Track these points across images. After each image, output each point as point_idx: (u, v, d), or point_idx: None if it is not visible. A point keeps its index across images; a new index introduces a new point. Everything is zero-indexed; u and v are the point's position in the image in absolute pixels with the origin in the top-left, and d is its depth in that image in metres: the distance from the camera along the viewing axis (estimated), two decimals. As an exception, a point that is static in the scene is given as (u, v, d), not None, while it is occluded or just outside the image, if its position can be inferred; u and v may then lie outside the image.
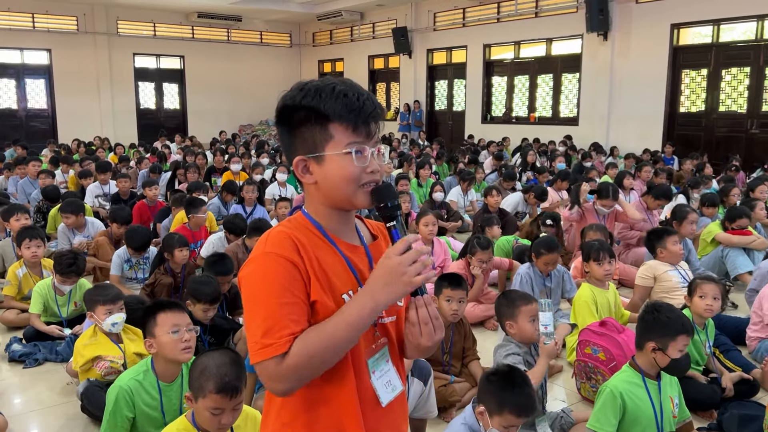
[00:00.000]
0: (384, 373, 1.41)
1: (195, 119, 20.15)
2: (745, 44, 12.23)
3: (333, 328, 1.25)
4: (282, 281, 1.27)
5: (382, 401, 1.39)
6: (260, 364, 1.25)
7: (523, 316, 3.02)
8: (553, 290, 4.63)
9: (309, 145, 1.33)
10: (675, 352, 2.70)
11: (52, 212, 6.89)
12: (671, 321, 2.75)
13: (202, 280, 3.77)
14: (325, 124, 1.31)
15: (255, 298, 1.28)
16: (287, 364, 1.23)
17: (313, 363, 1.25)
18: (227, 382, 2.29)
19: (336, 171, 1.32)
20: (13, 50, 17.55)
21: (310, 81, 1.36)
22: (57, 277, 4.31)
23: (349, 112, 1.30)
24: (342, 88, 1.31)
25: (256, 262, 1.30)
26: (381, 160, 1.38)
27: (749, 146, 12.17)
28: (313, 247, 1.33)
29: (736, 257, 5.56)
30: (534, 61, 15.81)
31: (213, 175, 9.91)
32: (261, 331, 1.25)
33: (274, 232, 1.34)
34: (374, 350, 1.39)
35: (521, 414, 2.40)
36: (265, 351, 1.24)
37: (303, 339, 1.25)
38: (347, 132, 1.31)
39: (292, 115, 1.34)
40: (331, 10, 19.05)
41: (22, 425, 3.38)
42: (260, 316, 1.26)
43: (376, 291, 1.25)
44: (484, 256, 4.69)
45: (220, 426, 2.34)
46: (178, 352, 2.71)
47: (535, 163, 11.21)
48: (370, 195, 1.34)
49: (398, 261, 1.24)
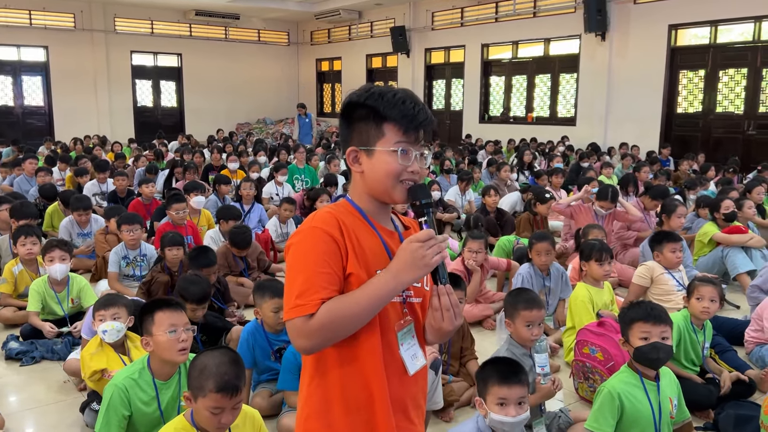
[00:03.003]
0: (411, 347, 1.56)
1: (192, 117, 20.13)
2: (742, 45, 12.26)
3: (356, 298, 1.42)
4: (322, 252, 1.44)
5: (410, 371, 1.54)
6: (290, 322, 1.42)
7: (520, 320, 3.03)
8: (552, 290, 4.65)
9: (363, 139, 1.51)
10: (635, 340, 2.74)
11: (49, 210, 6.87)
12: (629, 310, 2.86)
13: (191, 279, 3.73)
14: (380, 123, 1.49)
15: (297, 263, 1.45)
16: (312, 324, 1.39)
17: (334, 326, 1.41)
18: (227, 381, 2.28)
19: (381, 165, 1.49)
20: (9, 47, 17.50)
21: (377, 85, 1.55)
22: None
23: (403, 116, 1.48)
24: (402, 95, 1.50)
25: (304, 233, 1.47)
26: (423, 164, 1.53)
27: (746, 147, 12.21)
28: (354, 228, 1.49)
29: (736, 256, 5.58)
30: (532, 61, 15.83)
31: (210, 173, 9.89)
32: (297, 292, 1.41)
33: (322, 212, 1.51)
34: (402, 326, 1.54)
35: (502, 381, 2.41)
36: (296, 310, 1.40)
37: (329, 304, 1.41)
38: (398, 133, 1.49)
39: (355, 110, 1.52)
40: (329, 9, 19.04)
41: (19, 423, 3.37)
42: (299, 280, 1.42)
43: (398, 271, 1.41)
44: (474, 245, 4.71)
45: (219, 425, 2.33)
46: (174, 352, 2.70)
47: (531, 163, 11.23)
48: (407, 192, 1.50)
49: (419, 245, 1.40)
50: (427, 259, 1.39)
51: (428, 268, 1.40)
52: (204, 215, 6.70)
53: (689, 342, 3.53)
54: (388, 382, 1.51)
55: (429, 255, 1.39)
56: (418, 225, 1.52)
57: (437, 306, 1.45)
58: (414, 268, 1.40)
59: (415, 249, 1.39)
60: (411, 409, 1.58)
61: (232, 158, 9.97)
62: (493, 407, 2.41)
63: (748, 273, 5.47)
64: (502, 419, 2.39)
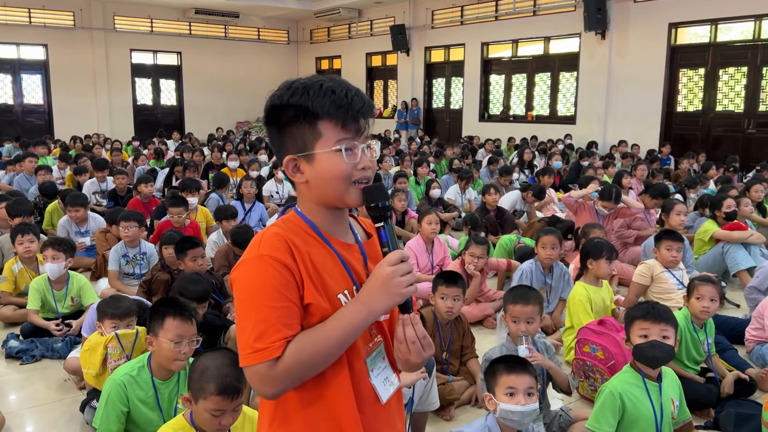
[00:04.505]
0: (381, 371, 1.42)
1: (192, 116, 20.11)
2: (742, 44, 12.26)
3: (326, 333, 1.27)
4: (275, 284, 1.26)
5: (383, 398, 1.40)
6: (251, 368, 1.25)
7: (508, 315, 3.07)
8: (553, 287, 4.64)
9: (299, 144, 1.32)
10: (635, 338, 2.75)
11: (49, 208, 6.86)
12: (632, 309, 2.89)
13: (192, 278, 3.70)
14: (313, 122, 1.30)
15: (247, 301, 1.27)
16: (280, 368, 1.24)
17: (305, 367, 1.26)
18: (228, 383, 2.27)
19: (326, 169, 1.31)
20: (9, 45, 17.48)
21: (297, 79, 1.35)
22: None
23: (337, 108, 1.29)
24: (330, 84, 1.30)
25: (249, 264, 1.29)
26: (372, 156, 1.37)
27: (746, 146, 12.21)
28: (307, 248, 1.32)
29: (736, 253, 5.58)
30: (532, 60, 15.82)
31: (210, 172, 9.88)
32: (254, 335, 1.24)
33: (269, 234, 1.33)
34: (371, 349, 1.40)
35: (509, 370, 2.42)
36: (257, 355, 1.24)
37: (296, 343, 1.25)
38: (336, 129, 1.30)
39: (281, 114, 1.33)
40: (329, 7, 19.02)
41: (19, 422, 3.37)
42: (253, 320, 1.25)
43: (370, 299, 1.27)
44: (477, 250, 4.70)
45: (219, 427, 2.33)
46: (171, 361, 2.71)
47: (531, 162, 11.22)
48: (362, 194, 1.33)
49: (392, 270, 1.26)
50: (400, 287, 1.26)
51: (401, 297, 1.27)
52: (201, 211, 6.73)
53: (690, 341, 3.53)
54: (361, 415, 1.35)
55: (403, 283, 1.26)
56: (375, 231, 1.36)
57: (402, 338, 1.31)
58: (386, 297, 1.26)
59: (388, 276, 1.26)
60: None
61: (232, 157, 9.96)
62: (502, 397, 2.40)
63: (748, 270, 5.47)
64: (511, 408, 2.37)
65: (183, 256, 4.30)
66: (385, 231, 1.33)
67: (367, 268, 1.40)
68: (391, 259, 1.28)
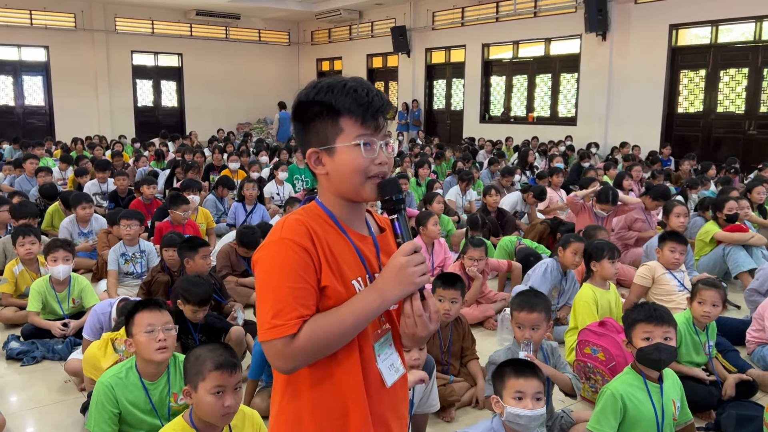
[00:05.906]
0: (388, 357, 1.50)
1: (193, 117, 20.12)
2: (743, 45, 12.26)
3: (342, 316, 1.35)
4: (294, 266, 1.35)
5: (387, 383, 1.48)
6: (268, 343, 1.34)
7: (513, 320, 3.10)
8: (566, 291, 4.65)
9: (321, 138, 1.41)
10: (638, 341, 2.74)
11: (49, 210, 6.86)
12: (632, 311, 2.86)
13: (193, 280, 3.68)
14: (336, 118, 1.39)
15: (268, 280, 1.36)
16: (295, 345, 1.32)
17: (319, 346, 1.34)
18: (225, 359, 2.34)
19: (346, 162, 1.40)
20: (10, 47, 17.50)
21: (323, 79, 1.44)
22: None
23: (358, 106, 1.38)
24: (352, 84, 1.40)
25: (271, 246, 1.38)
26: (389, 153, 1.44)
27: (747, 147, 12.20)
28: (326, 235, 1.41)
29: (737, 254, 5.57)
30: (532, 61, 15.82)
31: (211, 173, 9.90)
32: (272, 312, 1.33)
33: (290, 219, 1.41)
34: (379, 335, 1.48)
35: (518, 374, 2.43)
36: (274, 331, 1.32)
37: (312, 323, 1.34)
38: (356, 125, 1.39)
39: (306, 110, 1.43)
40: (329, 9, 19.03)
41: (20, 423, 3.37)
42: (272, 298, 1.34)
43: (385, 288, 1.35)
44: (475, 253, 4.71)
45: (223, 410, 2.31)
46: (152, 351, 2.71)
47: (533, 163, 11.22)
48: (377, 188, 1.41)
49: (405, 260, 1.34)
50: (414, 277, 1.33)
51: (415, 286, 1.34)
52: (201, 212, 6.75)
53: (690, 343, 3.53)
54: (367, 398, 1.43)
55: (416, 273, 1.33)
56: (390, 222, 1.44)
57: (409, 312, 1.37)
58: (400, 286, 1.33)
59: (402, 266, 1.33)
60: (392, 420, 1.52)
61: (233, 158, 9.97)
62: (510, 401, 2.40)
63: (749, 272, 5.46)
64: (519, 412, 2.37)
65: (194, 254, 4.26)
66: (398, 223, 1.41)
67: (379, 259, 1.49)
68: (404, 249, 1.35)
